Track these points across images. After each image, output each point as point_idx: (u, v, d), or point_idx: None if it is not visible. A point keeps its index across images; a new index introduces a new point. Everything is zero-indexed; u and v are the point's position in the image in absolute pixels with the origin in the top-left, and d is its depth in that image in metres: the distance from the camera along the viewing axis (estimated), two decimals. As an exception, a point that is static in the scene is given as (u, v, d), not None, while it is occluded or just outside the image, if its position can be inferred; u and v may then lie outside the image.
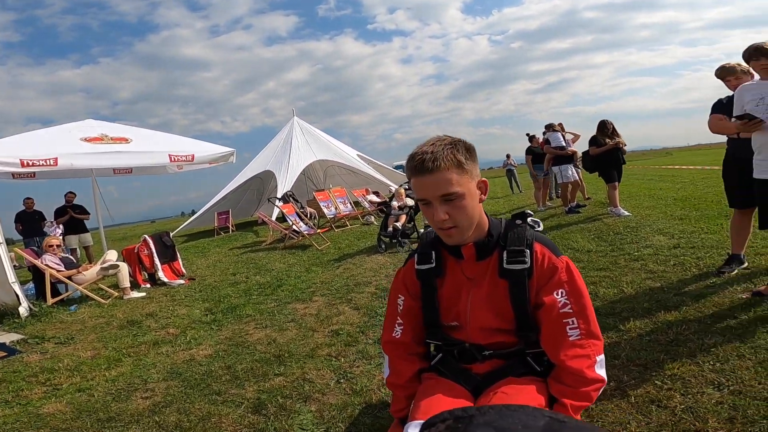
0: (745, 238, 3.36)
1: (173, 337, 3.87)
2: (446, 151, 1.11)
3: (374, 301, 4.05)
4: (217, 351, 3.33)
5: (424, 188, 1.12)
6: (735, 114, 2.80)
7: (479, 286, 1.20)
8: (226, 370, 2.93)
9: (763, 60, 2.60)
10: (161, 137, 8.51)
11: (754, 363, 1.96)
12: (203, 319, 4.32)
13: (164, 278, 6.35)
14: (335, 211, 10.73)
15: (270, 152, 14.68)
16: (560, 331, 1.12)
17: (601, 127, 6.60)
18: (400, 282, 1.35)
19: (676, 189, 9.23)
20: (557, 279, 1.14)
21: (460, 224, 1.13)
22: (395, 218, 6.89)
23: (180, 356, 3.34)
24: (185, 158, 7.61)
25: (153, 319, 4.56)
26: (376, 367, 2.63)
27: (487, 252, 1.20)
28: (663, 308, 2.78)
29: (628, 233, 5.16)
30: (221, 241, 11.29)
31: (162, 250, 6.61)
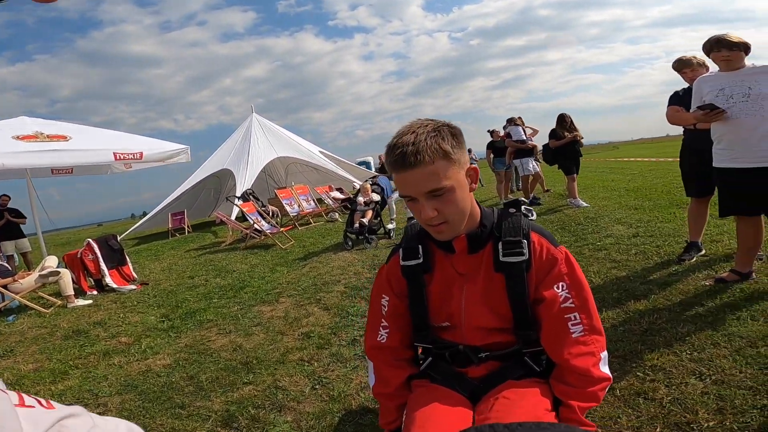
0: (702, 225, 3.50)
1: (126, 346, 3.60)
2: (430, 141, 0.97)
3: (344, 300, 3.90)
4: (176, 360, 3.09)
5: (408, 184, 0.99)
6: (693, 105, 2.86)
7: (473, 281, 1.09)
8: (188, 380, 2.71)
9: (724, 51, 2.65)
10: (105, 134, 7.92)
11: (730, 351, 2.00)
12: (159, 326, 4.04)
13: (113, 284, 5.90)
14: (298, 209, 10.46)
15: (227, 150, 14.11)
16: (562, 327, 1.04)
17: (560, 121, 6.80)
18: (383, 281, 1.22)
19: (627, 180, 9.68)
20: (557, 271, 1.05)
21: (451, 219, 1.02)
22: (361, 214, 6.75)
23: (135, 367, 3.09)
24: (133, 156, 7.11)
25: (102, 327, 4.24)
26: (353, 370, 2.50)
27: (480, 244, 1.08)
28: (632, 297, 2.82)
29: (589, 223, 5.30)
30: (176, 243, 10.73)
31: (109, 254, 6.14)
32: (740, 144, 2.61)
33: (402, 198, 1.07)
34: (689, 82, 3.27)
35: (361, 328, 3.13)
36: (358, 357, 2.65)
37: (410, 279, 1.14)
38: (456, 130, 1.03)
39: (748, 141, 2.57)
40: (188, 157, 8.19)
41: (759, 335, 2.08)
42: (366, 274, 4.73)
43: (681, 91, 3.41)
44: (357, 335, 3.00)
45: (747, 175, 2.60)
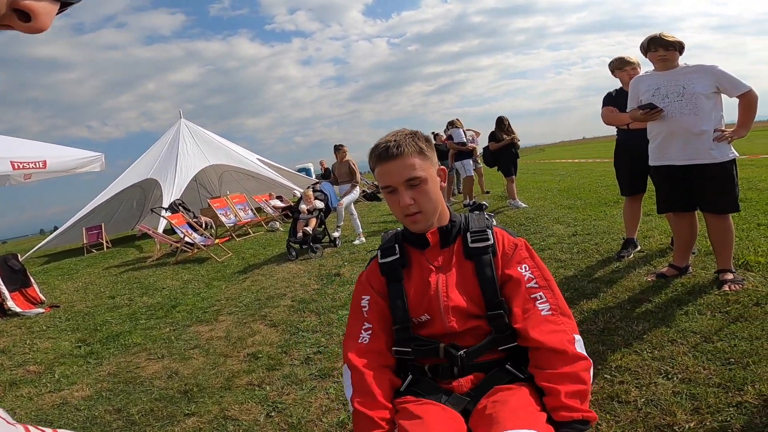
0: (636, 222, 3.70)
1: (36, 375, 3.16)
2: (408, 139, 1.16)
3: (293, 315, 3.64)
4: (98, 391, 2.71)
5: (390, 174, 1.15)
6: (630, 105, 2.96)
7: (447, 271, 1.18)
8: (115, 414, 2.36)
9: (660, 51, 2.75)
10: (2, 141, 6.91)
11: (688, 348, 2.05)
12: (75, 353, 3.57)
13: (16, 308, 5.12)
14: (235, 219, 9.86)
15: (152, 158, 12.98)
16: (531, 305, 1.09)
17: (499, 124, 7.04)
18: (363, 283, 1.26)
19: (557, 181, 10.28)
20: (519, 255, 1.16)
21: (425, 209, 1.15)
22: (305, 222, 6.46)
23: (48, 399, 2.70)
24: (34, 165, 6.22)
25: (6, 355, 3.72)
26: (310, 392, 2.28)
27: (450, 238, 1.20)
28: (583, 297, 2.89)
29: (530, 224, 5.49)
30: (93, 260, 9.65)
31: (9, 276, 5.33)
32: (675, 142, 2.73)
33: (382, 190, 1.19)
34: (625, 83, 3.39)
35: (314, 345, 2.92)
36: (315, 377, 2.43)
37: (389, 275, 1.21)
38: (428, 137, 1.21)
39: (682, 139, 2.69)
40: (102, 166, 7.37)
41: (711, 330, 2.16)
42: (314, 285, 4.48)
43: (614, 92, 3.54)
44: (311, 353, 2.78)
45: (681, 172, 2.74)
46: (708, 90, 2.63)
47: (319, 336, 3.05)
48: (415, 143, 1.15)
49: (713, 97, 2.65)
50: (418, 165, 1.13)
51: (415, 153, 1.14)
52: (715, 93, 2.65)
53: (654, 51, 2.76)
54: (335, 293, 4.04)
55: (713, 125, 2.62)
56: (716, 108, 2.66)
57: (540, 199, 7.59)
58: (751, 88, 2.60)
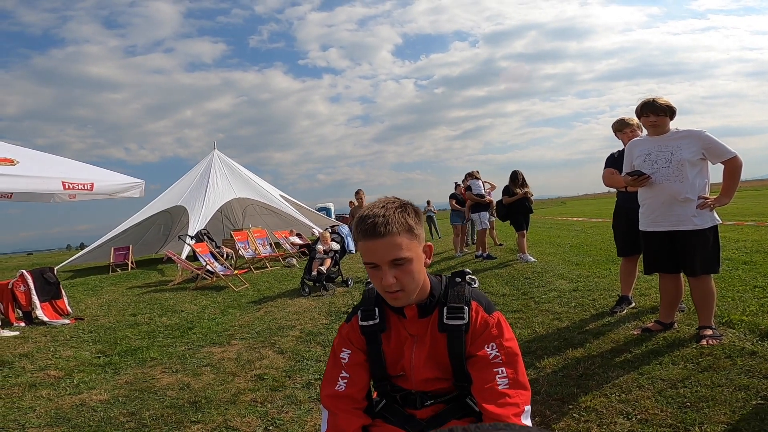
0: (631, 281, 3.84)
1: (55, 380, 3.39)
2: (398, 216, 1.13)
3: (300, 344, 3.86)
4: (115, 396, 2.94)
5: (375, 253, 1.13)
6: (624, 168, 3.12)
7: (421, 342, 1.24)
8: (129, 416, 2.58)
9: (652, 117, 2.86)
10: (55, 161, 7.51)
11: (653, 392, 2.23)
12: (94, 362, 3.82)
13: (44, 317, 5.49)
14: (254, 252, 10.24)
15: (184, 186, 13.73)
16: (490, 379, 1.15)
17: (513, 178, 7.29)
18: (344, 338, 1.32)
19: (571, 237, 10.43)
20: (488, 333, 1.20)
21: (407, 288, 1.15)
22: (320, 262, 6.76)
23: (67, 401, 2.92)
24: (83, 187, 6.77)
25: (28, 359, 3.96)
26: (307, 412, 2.48)
27: (428, 311, 1.24)
28: (570, 346, 3.06)
29: (536, 278, 5.65)
30: (117, 278, 10.10)
31: (43, 287, 5.75)
32: (660, 208, 2.88)
33: (365, 264, 1.18)
34: (626, 143, 3.51)
35: (316, 372, 3.11)
36: (313, 400, 2.63)
37: (368, 337, 1.27)
38: (418, 210, 1.20)
39: (666, 205, 2.84)
40: (142, 192, 7.90)
41: (679, 377, 2.33)
42: (322, 320, 4.70)
43: (616, 153, 3.68)
44: (312, 379, 2.98)
45: (667, 237, 2.89)
46: (694, 156, 2.76)
47: (322, 365, 3.24)
48: (405, 220, 1.13)
49: (699, 164, 2.79)
50: (404, 245, 1.12)
51: (404, 231, 1.12)
52: (701, 159, 2.78)
53: (646, 116, 2.88)
54: (342, 329, 4.23)
55: (697, 193, 2.78)
56: (701, 175, 2.81)
57: (550, 254, 7.73)
58: (736, 154, 2.72)
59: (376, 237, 1.11)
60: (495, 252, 8.60)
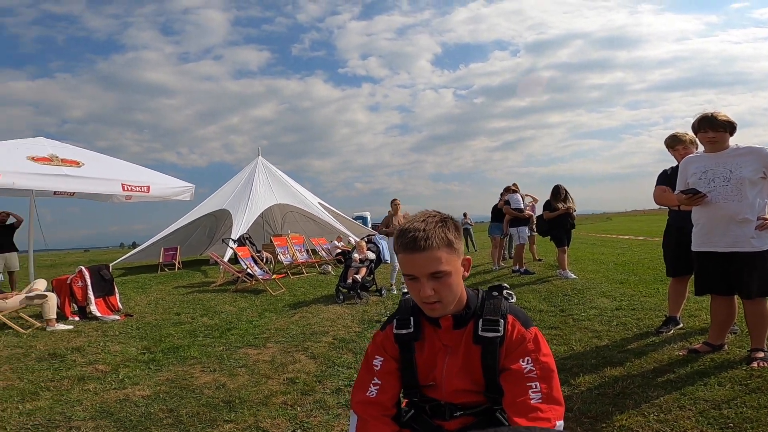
0: (681, 302, 3.63)
1: (102, 374, 3.57)
2: (438, 230, 1.16)
3: (332, 351, 3.91)
4: (156, 392, 3.07)
5: (414, 266, 1.16)
6: (678, 186, 2.97)
7: (455, 353, 1.25)
8: (167, 413, 2.70)
9: (710, 132, 2.71)
10: (116, 164, 8.10)
11: (694, 413, 2.11)
12: (139, 358, 4.01)
13: (97, 312, 5.84)
14: (291, 258, 10.49)
15: (229, 191, 14.32)
16: (523, 393, 1.14)
17: (555, 193, 7.06)
18: (378, 345, 1.34)
19: (616, 254, 9.94)
20: (524, 348, 1.19)
21: (445, 300, 1.17)
22: (355, 270, 6.83)
23: (112, 395, 3.07)
24: (140, 189, 7.27)
25: (80, 353, 4.19)
26: (335, 417, 2.51)
27: (463, 323, 1.25)
28: (609, 364, 2.93)
29: (576, 295, 5.44)
30: (165, 278, 10.62)
31: (99, 284, 6.13)
32: (716, 229, 2.72)
33: (404, 276, 1.21)
34: (679, 160, 3.35)
35: (346, 378, 3.15)
36: (342, 405, 2.66)
37: (402, 346, 1.28)
38: (457, 224, 1.22)
39: (723, 226, 2.69)
40: (192, 196, 8.34)
41: (723, 398, 2.20)
42: (355, 328, 4.74)
43: (669, 169, 3.50)
44: (342, 385, 3.01)
45: (722, 258, 2.73)
46: (755, 175, 2.61)
47: (353, 372, 3.28)
48: (444, 235, 1.15)
49: (760, 183, 2.64)
50: (444, 259, 1.14)
51: (443, 246, 1.14)
52: (762, 178, 2.63)
53: (704, 132, 2.73)
54: (373, 337, 4.26)
55: (756, 213, 2.62)
56: (761, 194, 2.65)
57: (593, 271, 7.42)
58: None
59: (416, 251, 1.13)
60: (534, 267, 8.36)
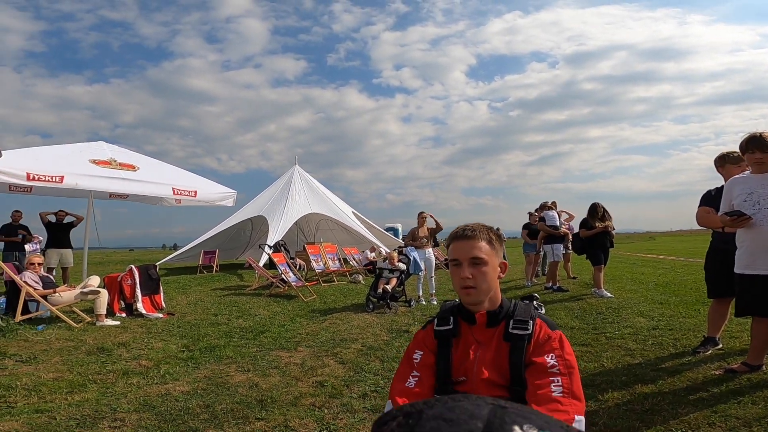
0: (721, 324, 3.51)
1: (145, 369, 3.76)
2: (482, 228, 1.42)
3: (360, 357, 4.00)
4: (194, 388, 3.23)
5: (459, 250, 1.39)
6: (722, 208, 2.90)
7: (487, 347, 1.38)
8: (204, 408, 2.85)
9: (758, 153, 2.66)
10: (168, 169, 8.60)
11: (723, 430, 2.07)
12: (179, 355, 4.20)
13: (142, 310, 6.18)
14: (323, 266, 10.70)
15: (267, 197, 14.77)
16: (545, 386, 1.23)
17: (592, 211, 6.90)
18: (419, 341, 1.49)
19: (658, 275, 9.52)
20: (550, 346, 1.31)
21: (479, 286, 1.36)
22: (386, 281, 6.92)
23: (154, 389, 3.24)
24: (188, 193, 7.69)
25: (125, 348, 4.42)
26: (360, 421, 2.59)
27: (496, 321, 1.40)
28: (640, 381, 2.88)
29: (610, 314, 5.30)
30: (203, 279, 11.06)
31: (146, 282, 6.51)
32: (760, 251, 2.65)
33: (450, 262, 1.44)
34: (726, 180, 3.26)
35: (373, 384, 3.23)
36: (367, 410, 2.74)
37: (441, 341, 1.43)
38: (500, 234, 1.46)
39: (767, 249, 2.61)
40: (234, 202, 8.71)
41: (755, 416, 2.15)
42: (383, 336, 4.81)
43: (714, 190, 3.42)
44: (369, 390, 3.09)
45: (763, 281, 2.64)
46: None
47: (379, 378, 3.36)
48: (487, 233, 1.41)
49: None
50: (484, 249, 1.37)
51: (484, 240, 1.39)
52: None
53: (751, 153, 2.69)
54: (401, 346, 4.32)
55: None
56: None
57: (630, 291, 7.16)
58: None
59: (463, 239, 1.40)
60: (568, 285, 8.16)
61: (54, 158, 6.36)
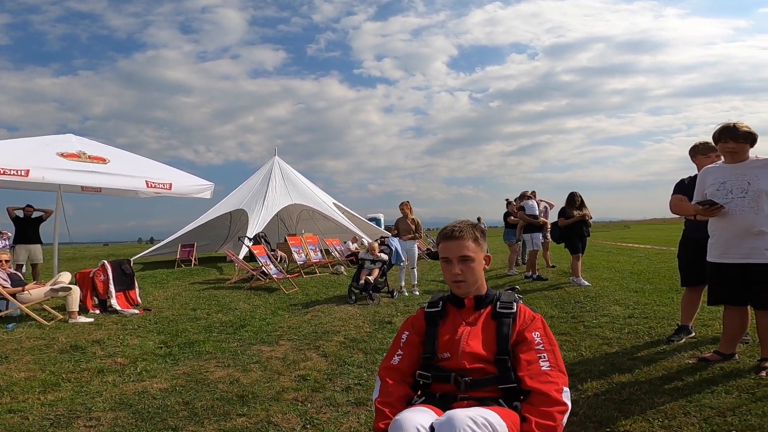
0: (694, 312, 3.62)
1: (121, 366, 3.66)
2: (469, 228, 1.60)
3: (343, 350, 3.97)
4: (173, 385, 3.16)
5: (450, 250, 1.58)
6: (696, 197, 2.95)
7: (475, 325, 1.56)
8: (183, 405, 2.78)
9: (730, 143, 2.69)
10: (140, 161, 8.33)
11: (699, 420, 2.14)
12: (157, 352, 4.10)
13: (117, 306, 6.02)
14: (305, 258, 10.61)
15: (246, 190, 14.50)
16: (534, 361, 1.44)
17: (570, 200, 7.02)
18: (408, 324, 1.68)
19: (632, 263, 9.79)
20: (535, 325, 1.53)
21: (468, 280, 1.56)
22: (368, 271, 6.89)
23: (130, 387, 3.16)
24: (163, 186, 7.47)
25: (99, 346, 4.30)
26: (344, 415, 2.57)
27: (483, 305, 1.60)
28: (617, 370, 2.95)
29: (588, 302, 5.41)
30: (182, 273, 10.85)
31: (120, 278, 6.31)
32: (731, 240, 2.72)
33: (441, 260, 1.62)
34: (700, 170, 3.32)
35: (356, 377, 3.22)
36: (351, 403, 2.72)
37: (429, 321, 1.62)
38: (483, 230, 1.64)
39: (738, 237, 2.68)
40: (211, 194, 8.52)
41: (729, 406, 2.22)
42: (366, 328, 4.79)
43: (687, 179, 3.48)
44: (352, 383, 3.07)
45: (736, 270, 2.71)
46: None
47: (362, 371, 3.34)
48: (473, 232, 1.59)
49: None
50: (471, 248, 1.56)
51: (471, 239, 1.57)
52: None
53: (724, 142, 2.72)
54: (384, 338, 4.31)
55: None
56: None
57: (607, 279, 7.34)
58: None
59: (452, 239, 1.58)
60: (547, 274, 8.30)
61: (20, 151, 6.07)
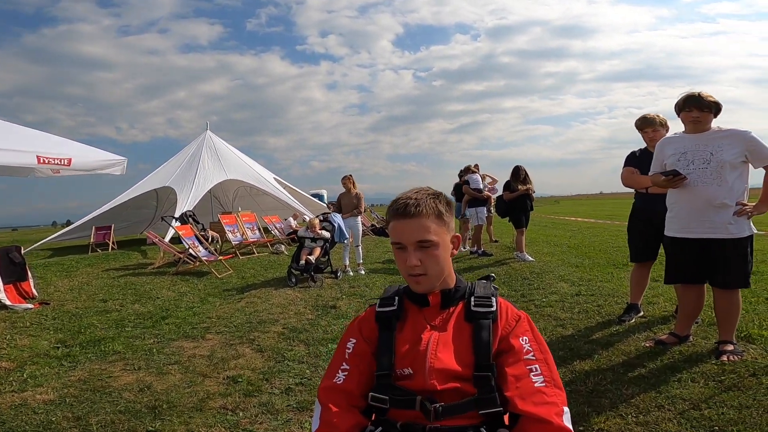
0: (642, 289, 3.56)
1: (5, 372, 3.07)
2: (429, 200, 1.14)
3: (281, 342, 3.52)
4: (62, 396, 2.62)
5: (403, 232, 1.14)
6: (653, 168, 2.81)
7: (443, 330, 1.16)
8: (73, 422, 2.28)
9: (695, 112, 2.56)
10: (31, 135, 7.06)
11: (674, 414, 2.00)
12: (52, 353, 3.49)
13: (6, 300, 5.09)
14: (241, 237, 9.83)
15: (174, 166, 13.23)
16: (523, 375, 1.08)
17: (515, 173, 6.97)
18: (355, 327, 1.26)
19: (568, 237, 10.12)
20: (521, 327, 1.16)
21: (430, 272, 1.14)
22: (309, 251, 6.39)
23: (7, 399, 2.61)
24: (59, 162, 6.33)
25: None
26: (284, 423, 2.16)
27: (452, 301, 1.20)
28: (577, 357, 2.80)
29: (535, 279, 5.37)
30: (95, 259, 9.64)
31: (7, 267, 5.35)
32: (692, 214, 2.59)
33: (392, 245, 1.18)
34: (649, 143, 3.25)
35: (297, 375, 2.83)
36: (293, 409, 2.32)
37: (382, 325, 1.20)
38: (450, 201, 1.21)
39: (700, 211, 2.55)
40: (123, 170, 7.47)
41: (701, 397, 2.12)
42: (308, 315, 4.36)
43: (638, 151, 3.36)
44: (293, 383, 2.66)
45: (696, 245, 2.60)
46: (736, 159, 2.48)
47: (305, 367, 2.93)
48: (435, 205, 1.14)
49: (740, 167, 2.51)
50: (432, 229, 1.12)
51: (433, 215, 1.13)
52: (743, 162, 2.51)
53: (688, 111, 2.58)
54: (328, 325, 3.92)
55: (735, 198, 2.50)
56: (741, 179, 2.53)
57: (548, 254, 7.45)
58: None
59: (406, 216, 1.13)
60: (490, 249, 8.30)
61: None
